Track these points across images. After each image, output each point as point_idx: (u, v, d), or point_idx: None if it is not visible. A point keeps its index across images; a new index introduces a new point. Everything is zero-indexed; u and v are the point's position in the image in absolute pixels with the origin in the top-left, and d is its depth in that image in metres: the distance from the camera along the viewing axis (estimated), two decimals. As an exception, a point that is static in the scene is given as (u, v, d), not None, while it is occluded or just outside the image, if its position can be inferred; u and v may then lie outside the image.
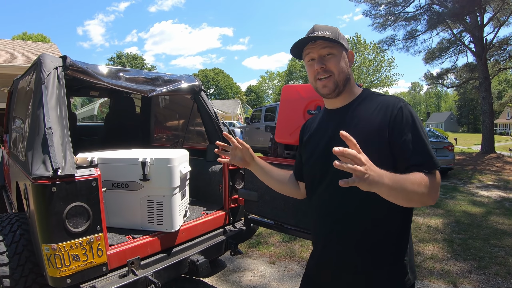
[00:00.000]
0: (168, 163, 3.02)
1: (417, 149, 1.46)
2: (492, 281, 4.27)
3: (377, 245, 1.58)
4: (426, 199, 1.41)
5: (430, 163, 1.44)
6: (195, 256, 3.14)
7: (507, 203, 8.31)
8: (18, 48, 15.85)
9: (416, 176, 1.38)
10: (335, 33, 1.63)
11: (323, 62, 1.63)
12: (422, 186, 1.37)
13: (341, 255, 1.65)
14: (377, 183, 1.25)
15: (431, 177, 1.41)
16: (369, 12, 20.00)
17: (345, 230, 1.62)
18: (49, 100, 2.60)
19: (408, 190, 1.34)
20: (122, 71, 3.40)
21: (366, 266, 1.60)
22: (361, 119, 1.59)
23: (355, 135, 1.46)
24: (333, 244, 1.67)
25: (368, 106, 1.62)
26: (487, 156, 16.50)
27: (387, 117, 1.52)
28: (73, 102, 19.36)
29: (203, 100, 4.13)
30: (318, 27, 1.66)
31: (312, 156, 1.75)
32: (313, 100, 2.92)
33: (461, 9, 15.66)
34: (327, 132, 1.71)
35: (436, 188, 1.42)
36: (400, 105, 1.52)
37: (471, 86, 20.88)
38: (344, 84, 1.65)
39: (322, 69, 1.62)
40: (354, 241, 1.61)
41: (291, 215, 2.93)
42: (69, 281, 2.35)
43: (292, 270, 4.59)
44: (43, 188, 2.27)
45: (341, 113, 1.69)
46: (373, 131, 1.53)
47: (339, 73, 1.62)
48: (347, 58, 1.67)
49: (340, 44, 1.62)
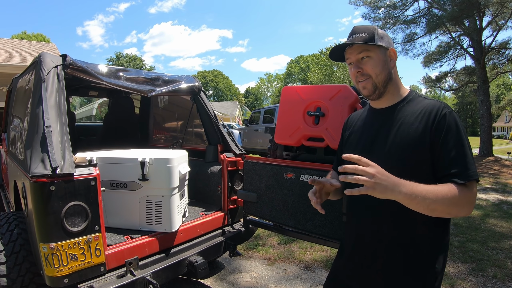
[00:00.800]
0: (167, 163, 3.01)
1: (455, 158, 1.44)
2: (490, 283, 4.27)
3: (408, 248, 1.58)
4: (456, 211, 1.41)
5: (464, 174, 1.42)
6: (194, 257, 3.14)
7: (505, 206, 8.32)
8: (17, 47, 15.85)
9: (444, 188, 1.38)
10: (371, 34, 1.63)
11: (360, 65, 1.65)
12: (449, 198, 1.36)
13: (373, 249, 1.66)
14: (392, 191, 1.31)
15: (463, 189, 1.39)
16: (368, 15, 19.99)
17: (381, 227, 1.63)
18: (48, 98, 2.60)
19: (429, 201, 1.35)
20: (122, 71, 3.40)
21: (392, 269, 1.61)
22: (404, 122, 1.59)
23: (396, 138, 1.55)
24: (367, 239, 1.69)
25: (413, 109, 1.61)
26: (485, 160, 16.50)
27: (430, 122, 1.51)
28: (72, 102, 19.33)
29: (202, 101, 4.12)
30: (356, 29, 1.67)
31: (353, 153, 1.74)
32: (312, 101, 2.92)
33: (460, 12, 15.66)
34: (369, 132, 1.72)
35: (468, 201, 1.40)
36: (444, 112, 1.51)
37: (470, 89, 20.85)
38: (385, 85, 1.65)
39: (359, 73, 1.66)
40: (387, 239, 1.61)
41: (290, 217, 2.93)
42: (66, 281, 2.34)
43: (290, 272, 4.58)
44: (42, 186, 2.26)
45: (385, 114, 1.69)
46: (415, 135, 1.52)
47: (377, 75, 1.63)
48: (388, 57, 1.67)
49: (377, 45, 1.63)
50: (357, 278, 1.74)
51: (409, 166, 1.50)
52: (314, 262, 4.89)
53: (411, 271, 1.58)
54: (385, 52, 1.65)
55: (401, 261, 1.59)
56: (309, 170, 2.78)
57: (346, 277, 1.81)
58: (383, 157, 1.56)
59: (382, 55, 1.64)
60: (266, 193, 3.11)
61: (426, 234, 1.56)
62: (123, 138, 5.43)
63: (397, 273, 1.60)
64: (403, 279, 1.59)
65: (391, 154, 1.56)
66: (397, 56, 1.70)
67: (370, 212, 1.66)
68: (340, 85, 2.86)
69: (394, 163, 1.52)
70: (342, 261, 1.87)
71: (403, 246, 1.58)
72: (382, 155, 1.57)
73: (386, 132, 1.62)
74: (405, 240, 1.57)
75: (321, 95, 2.89)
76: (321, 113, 2.85)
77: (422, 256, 1.57)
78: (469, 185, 1.42)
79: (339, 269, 1.89)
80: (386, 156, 1.56)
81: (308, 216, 2.79)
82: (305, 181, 2.79)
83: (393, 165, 1.50)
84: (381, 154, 1.58)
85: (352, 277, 1.77)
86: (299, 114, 2.96)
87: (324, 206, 2.64)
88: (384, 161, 1.50)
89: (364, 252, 1.71)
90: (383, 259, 1.63)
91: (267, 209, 3.11)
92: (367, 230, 1.69)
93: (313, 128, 2.90)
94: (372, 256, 1.66)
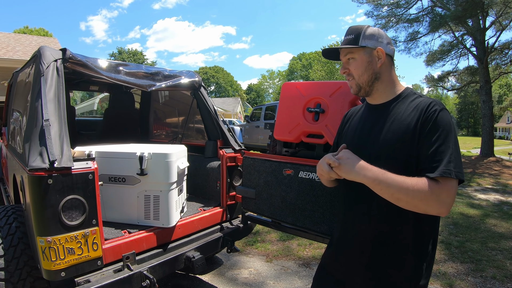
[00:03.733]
0: (165, 158, 3.00)
1: (433, 153, 1.45)
2: (489, 284, 4.27)
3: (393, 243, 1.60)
4: (423, 206, 1.42)
5: (437, 169, 1.42)
6: (191, 252, 3.13)
7: (505, 206, 8.32)
8: (19, 41, 15.85)
9: (413, 180, 1.41)
10: (357, 35, 1.69)
11: (346, 66, 1.75)
12: (413, 191, 1.39)
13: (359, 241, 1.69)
14: (356, 174, 1.51)
15: (433, 185, 1.39)
16: (372, 13, 19.95)
17: (367, 222, 1.66)
18: (47, 92, 2.59)
19: (393, 190, 1.42)
20: (122, 65, 3.39)
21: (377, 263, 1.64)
22: (397, 118, 1.61)
23: (389, 133, 1.60)
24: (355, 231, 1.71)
25: (407, 106, 1.63)
26: (486, 160, 16.48)
27: (420, 117, 1.53)
28: (73, 96, 19.33)
29: (202, 96, 4.11)
30: (348, 30, 1.76)
31: (350, 148, 1.74)
32: (313, 98, 2.91)
33: (463, 12, 15.62)
34: (364, 128, 1.76)
35: (437, 198, 1.39)
36: (435, 108, 1.52)
37: (472, 89, 20.85)
38: (370, 84, 1.71)
39: (345, 73, 1.76)
40: (373, 234, 1.64)
41: (288, 214, 2.92)
42: (63, 275, 2.34)
43: (289, 269, 4.59)
44: (39, 180, 2.26)
45: (379, 110, 1.73)
46: (406, 131, 1.54)
47: (359, 76, 1.71)
48: (373, 57, 1.69)
49: (360, 47, 1.68)
50: (344, 272, 1.77)
51: (400, 160, 1.53)
52: (312, 259, 4.89)
53: (396, 267, 1.60)
54: (371, 53, 1.69)
55: (385, 256, 1.61)
56: (308, 166, 2.77)
57: (334, 269, 1.84)
58: (375, 151, 1.61)
59: (366, 56, 1.69)
60: (264, 190, 3.10)
61: (411, 230, 1.57)
62: (124, 133, 5.43)
63: (382, 268, 1.62)
64: (388, 274, 1.61)
65: (383, 149, 1.59)
66: (385, 55, 1.70)
67: (357, 206, 1.70)
68: (341, 81, 2.84)
69: (385, 158, 1.56)
70: (330, 253, 1.91)
71: (388, 241, 1.60)
72: (374, 150, 1.62)
73: (379, 128, 1.65)
74: (391, 235, 1.60)
75: (321, 92, 2.88)
76: (321, 110, 2.84)
77: (407, 252, 1.58)
78: (442, 181, 1.41)
79: (327, 261, 1.91)
80: (378, 151, 1.60)
81: (307, 213, 2.78)
82: (304, 177, 2.78)
83: (385, 159, 1.55)
84: (373, 149, 1.62)
85: (339, 270, 1.80)
86: (299, 110, 2.95)
87: (322, 203, 2.66)
88: (376, 156, 1.58)
89: (349, 246, 1.74)
90: (368, 254, 1.65)
91: (266, 206, 3.10)
92: (353, 225, 1.72)
93: (312, 124, 2.89)
94: (358, 250, 1.69)
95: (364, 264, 1.66)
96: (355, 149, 1.62)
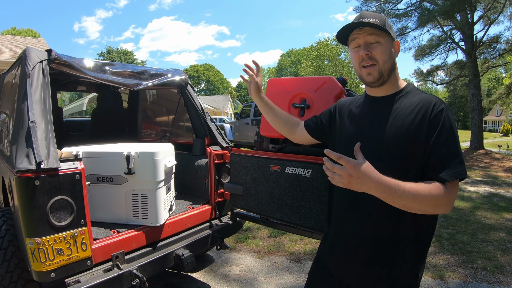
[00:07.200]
0: (152, 157, 3.01)
1: (445, 155, 1.45)
2: (479, 275, 4.32)
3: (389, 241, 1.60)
4: (433, 210, 1.44)
5: (452, 173, 1.43)
6: (181, 250, 3.15)
7: (495, 198, 8.42)
8: (7, 43, 15.69)
9: (425, 189, 1.39)
10: (382, 21, 1.62)
11: (369, 49, 1.62)
12: (428, 200, 1.38)
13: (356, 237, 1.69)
14: (368, 189, 1.37)
15: (446, 189, 1.41)
16: (360, 8, 19.99)
17: (362, 219, 1.65)
18: (33, 93, 2.59)
19: (406, 201, 1.38)
20: (108, 65, 3.37)
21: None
22: (400, 113, 1.59)
23: (392, 128, 1.56)
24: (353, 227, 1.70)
25: (410, 101, 1.61)
26: (476, 153, 16.62)
27: (427, 116, 1.51)
28: (61, 97, 19.18)
29: (189, 94, 4.11)
30: (366, 13, 1.65)
31: (346, 139, 1.75)
32: (298, 93, 2.92)
33: (451, 7, 15.71)
34: (365, 120, 1.72)
35: (447, 202, 1.42)
36: (442, 107, 1.52)
37: (461, 83, 20.96)
38: (389, 74, 1.65)
39: (367, 56, 1.63)
40: (369, 232, 1.63)
41: (276, 209, 2.94)
42: (53, 276, 2.35)
43: (280, 265, 4.61)
44: (26, 181, 2.26)
45: (382, 103, 1.69)
46: (410, 127, 1.53)
47: (384, 63, 1.62)
48: (393, 48, 1.66)
49: (387, 32, 1.61)
50: (341, 267, 1.77)
51: (401, 157, 1.52)
52: (303, 254, 4.92)
53: (393, 264, 1.60)
54: (392, 42, 1.66)
55: (382, 254, 1.61)
56: (295, 162, 2.79)
57: (331, 263, 1.84)
58: (376, 146, 1.58)
59: (390, 43, 1.64)
60: (252, 186, 3.12)
61: (410, 228, 1.57)
62: (112, 132, 5.41)
63: (379, 265, 1.62)
64: (384, 271, 1.61)
65: (384, 143, 1.57)
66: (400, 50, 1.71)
67: (352, 205, 1.68)
68: (325, 76, 2.86)
69: (386, 153, 1.54)
70: (327, 247, 1.89)
71: (384, 239, 1.60)
72: (375, 144, 1.59)
73: (381, 121, 1.63)
74: (388, 232, 1.59)
75: (307, 87, 2.89)
76: (306, 105, 2.85)
77: (405, 249, 1.58)
78: (454, 183, 1.44)
79: (324, 255, 1.91)
80: (379, 145, 1.58)
81: (294, 209, 2.80)
82: (290, 173, 2.80)
83: (385, 154, 1.54)
84: (374, 143, 1.59)
85: (336, 264, 1.80)
86: (285, 106, 2.96)
87: (309, 198, 2.68)
88: (377, 150, 1.55)
89: (347, 243, 1.73)
90: (365, 251, 1.64)
91: (254, 202, 3.12)
92: (349, 222, 1.71)
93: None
94: (355, 247, 1.68)
95: (360, 260, 1.66)
96: (356, 142, 1.49)
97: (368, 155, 1.39)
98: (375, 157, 1.45)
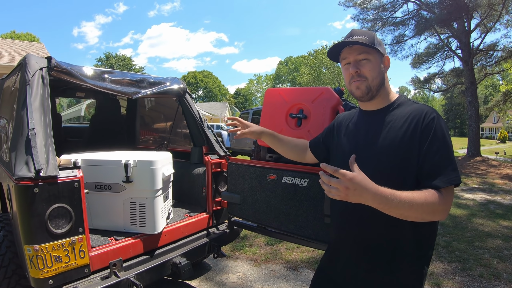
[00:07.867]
0: (150, 165, 3.03)
1: (439, 162, 1.48)
2: (476, 282, 4.33)
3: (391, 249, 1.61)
4: (430, 217, 1.45)
5: (446, 179, 1.45)
6: (178, 258, 3.16)
7: (491, 205, 8.42)
8: (6, 47, 15.73)
9: (421, 197, 1.41)
10: (371, 38, 1.66)
11: (358, 66, 1.67)
12: (423, 208, 1.40)
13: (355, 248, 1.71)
14: (365, 201, 1.38)
15: (442, 196, 1.43)
16: (358, 16, 20.14)
17: (363, 228, 1.67)
18: (33, 101, 2.61)
19: (403, 210, 1.39)
20: (107, 73, 3.40)
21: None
22: (393, 126, 1.62)
23: (386, 141, 1.59)
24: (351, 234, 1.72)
25: (402, 113, 1.64)
26: (472, 160, 16.65)
27: (419, 125, 1.54)
28: (60, 102, 19.13)
29: (187, 102, 4.13)
30: (356, 31, 1.70)
31: (344, 154, 1.76)
32: (295, 104, 2.95)
33: (448, 15, 15.83)
34: (359, 135, 1.76)
35: (444, 209, 1.44)
36: (433, 116, 1.55)
37: (458, 90, 21.04)
38: (378, 89, 1.69)
39: (356, 73, 1.68)
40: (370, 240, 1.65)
41: (273, 218, 2.95)
42: (51, 283, 2.36)
43: (277, 273, 4.62)
44: (26, 189, 2.28)
45: (374, 117, 1.73)
46: (403, 138, 1.56)
47: (373, 79, 1.67)
48: (382, 63, 1.70)
49: (376, 49, 1.66)
50: (341, 274, 1.79)
51: (398, 167, 1.54)
52: (300, 262, 4.93)
53: (395, 272, 1.61)
54: (381, 58, 1.70)
55: (384, 262, 1.62)
56: (291, 172, 2.81)
57: (332, 272, 1.86)
58: (371, 159, 1.61)
59: (379, 60, 1.68)
60: (249, 195, 3.14)
61: (409, 234, 1.58)
62: (110, 139, 5.43)
63: (381, 273, 1.63)
64: (386, 279, 1.63)
65: (379, 156, 1.59)
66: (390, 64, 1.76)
67: (352, 214, 1.69)
68: (322, 87, 2.89)
69: (382, 165, 1.57)
70: (327, 255, 1.93)
71: (385, 247, 1.62)
72: (370, 158, 1.61)
73: (375, 135, 1.66)
74: (388, 241, 1.61)
75: (304, 97, 2.92)
76: (303, 115, 2.88)
77: (405, 256, 1.60)
78: (449, 190, 1.46)
79: (325, 264, 1.94)
80: (375, 158, 1.60)
81: (291, 218, 2.81)
82: (287, 183, 2.82)
83: (381, 167, 1.56)
84: (369, 157, 1.62)
85: (337, 272, 1.82)
86: (282, 116, 2.99)
87: (306, 207, 2.70)
88: (373, 164, 1.57)
89: (346, 249, 1.76)
90: (365, 257, 1.67)
91: (251, 211, 3.14)
92: (350, 231, 1.73)
93: (295, 130, 2.93)
94: (355, 254, 1.71)
95: (361, 267, 1.68)
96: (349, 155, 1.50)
97: (365, 168, 1.41)
98: (371, 170, 1.47)
